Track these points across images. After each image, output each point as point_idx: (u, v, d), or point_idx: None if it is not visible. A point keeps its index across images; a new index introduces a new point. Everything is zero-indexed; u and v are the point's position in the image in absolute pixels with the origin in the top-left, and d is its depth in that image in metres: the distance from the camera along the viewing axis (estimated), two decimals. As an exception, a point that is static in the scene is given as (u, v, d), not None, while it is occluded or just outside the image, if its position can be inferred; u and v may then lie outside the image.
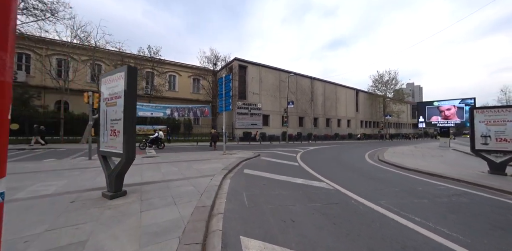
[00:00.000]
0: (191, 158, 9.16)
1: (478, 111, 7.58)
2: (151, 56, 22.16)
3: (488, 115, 7.37)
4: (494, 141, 7.22)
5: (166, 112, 16.35)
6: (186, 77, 30.05)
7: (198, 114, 15.06)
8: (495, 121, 7.24)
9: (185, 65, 29.78)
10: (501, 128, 7.14)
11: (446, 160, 11.23)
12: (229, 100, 10.80)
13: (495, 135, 7.21)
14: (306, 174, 6.54)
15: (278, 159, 10.06)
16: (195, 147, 16.23)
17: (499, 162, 7.13)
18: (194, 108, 15.15)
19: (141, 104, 16.62)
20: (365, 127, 46.40)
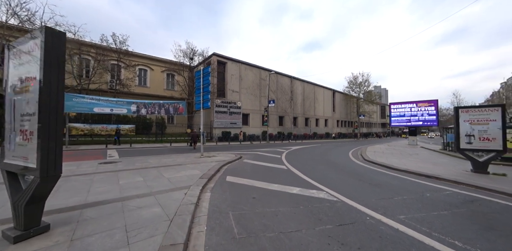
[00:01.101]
0: (162, 163, 7.72)
1: (463, 110, 7.61)
2: (117, 46, 19.45)
3: (472, 115, 7.43)
4: (477, 140, 7.28)
5: (131, 109, 13.84)
6: (159, 72, 27.43)
7: (171, 111, 12.97)
8: (479, 120, 7.31)
9: (158, 59, 27.14)
10: (484, 127, 7.22)
11: (423, 158, 11.54)
12: (207, 96, 9.53)
13: (479, 134, 7.28)
14: (299, 180, 5.72)
15: (263, 161, 9.15)
16: (169, 149, 14.48)
17: (482, 161, 7.21)
18: (166, 104, 12.95)
19: (97, 98, 13.87)
20: (341, 126, 48.38)
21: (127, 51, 20.01)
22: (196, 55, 23.70)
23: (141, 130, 20.04)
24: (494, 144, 7.04)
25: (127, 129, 17.66)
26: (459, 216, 3.34)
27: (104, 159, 9.00)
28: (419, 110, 25.27)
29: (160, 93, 26.56)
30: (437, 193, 4.64)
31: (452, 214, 3.43)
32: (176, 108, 11.66)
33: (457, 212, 3.50)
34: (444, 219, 3.19)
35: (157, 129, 19.76)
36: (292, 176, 6.27)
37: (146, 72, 26.67)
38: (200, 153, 10.23)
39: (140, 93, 23.90)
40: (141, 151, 12.90)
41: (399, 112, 26.69)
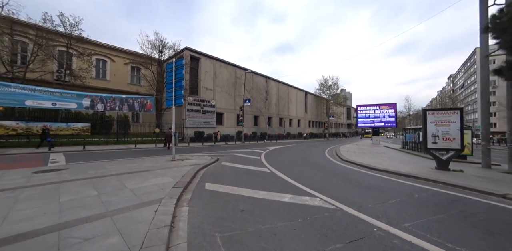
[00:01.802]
0: (124, 169, 6.45)
1: (429, 113, 8.21)
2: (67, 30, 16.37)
3: (437, 117, 8.05)
4: (441, 140, 7.93)
5: (83, 103, 11.12)
6: (122, 64, 24.31)
7: (137, 108, 10.91)
8: (442, 122, 7.96)
9: (120, 49, 24.03)
10: (446, 128, 7.89)
11: (391, 157, 12.39)
12: (180, 92, 8.47)
13: (442, 134, 7.94)
14: (286, 185, 5.27)
15: (243, 163, 8.52)
16: (133, 151, 12.70)
17: (445, 159, 7.89)
18: (130, 99, 10.73)
19: (31, 88, 10.49)
20: (312, 126, 50.57)
21: (79, 37, 16.98)
22: (167, 48, 21.67)
23: (99, 129, 17.32)
24: (454, 144, 7.74)
25: (79, 128, 14.95)
26: (456, 219, 3.27)
27: (44, 165, 7.20)
28: (381, 112, 27.77)
29: (123, 88, 23.53)
30: (423, 194, 4.68)
31: (449, 217, 3.35)
32: (142, 104, 9.92)
33: (452, 215, 3.45)
34: (445, 225, 3.05)
35: (118, 128, 17.33)
36: (278, 180, 5.79)
37: (106, 64, 23.36)
38: (171, 156, 9.07)
39: (97, 87, 20.74)
40: (97, 154, 10.96)
41: (364, 114, 28.92)
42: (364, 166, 8.36)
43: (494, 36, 7.21)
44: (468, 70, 54.88)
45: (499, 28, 6.63)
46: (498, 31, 6.67)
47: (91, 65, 18.60)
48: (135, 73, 24.80)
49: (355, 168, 8.21)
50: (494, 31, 6.85)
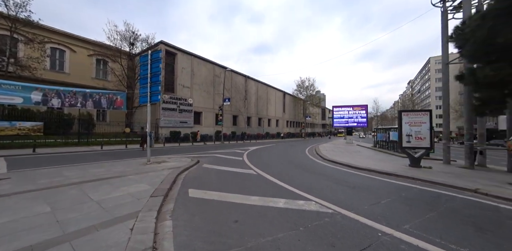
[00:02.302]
0: (88, 176, 5.50)
1: (404, 114, 8.77)
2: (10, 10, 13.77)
3: (410, 117, 8.64)
4: (414, 139, 8.53)
5: (33, 98, 8.94)
6: (85, 55, 21.51)
7: (104, 104, 9.14)
8: (415, 122, 8.57)
9: (83, 39, 21.23)
10: (418, 128, 8.50)
11: (367, 155, 13.09)
12: (157, 88, 7.64)
13: (415, 134, 8.55)
14: (277, 188, 5.01)
15: (226, 165, 8.06)
16: (100, 154, 11.22)
17: (417, 157, 8.51)
18: (95, 95, 8.93)
19: None
20: (290, 126, 51.77)
21: (27, 20, 14.39)
22: (139, 40, 19.88)
23: (55, 129, 14.96)
24: (425, 142, 8.39)
25: (27, 128, 12.66)
26: (446, 217, 3.36)
27: (-21, 174, 5.79)
28: (354, 113, 29.59)
29: (86, 83, 20.79)
30: (409, 192, 4.84)
31: (439, 215, 3.44)
32: (111, 100, 8.49)
33: (441, 213, 3.55)
34: (440, 224, 3.09)
35: (81, 128, 15.22)
36: (267, 182, 5.51)
37: (64, 54, 20.41)
38: (145, 158, 8.16)
39: (53, 81, 17.97)
40: (53, 158, 9.37)
41: (339, 115, 30.51)
42: (347, 165, 8.58)
43: (456, 46, 7.99)
44: (424, 77, 62.03)
45: (461, 38, 7.33)
46: (461, 41, 7.38)
47: (44, 55, 15.98)
48: (101, 67, 22.14)
49: (339, 167, 8.37)
50: (457, 41, 7.57)
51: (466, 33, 7.01)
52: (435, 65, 54.54)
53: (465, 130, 9.46)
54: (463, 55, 7.65)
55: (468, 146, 9.22)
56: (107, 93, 8.37)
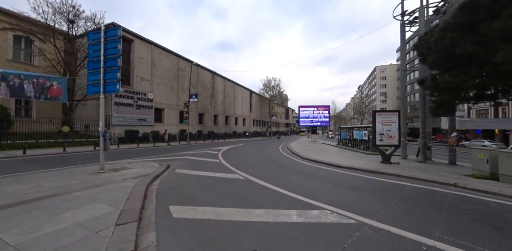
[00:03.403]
0: (2, 198, 3.71)
1: (378, 113, 9.31)
2: None
3: (383, 117, 9.24)
4: (386, 137, 9.16)
5: None
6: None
7: (30, 93, 5.75)
8: (387, 122, 9.19)
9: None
10: (389, 127, 9.15)
11: (338, 153, 13.73)
12: (114, 75, 5.96)
13: (386, 133, 9.18)
14: (275, 195, 4.36)
15: (204, 170, 6.99)
16: (22, 161, 8.40)
17: (388, 154, 9.17)
18: (15, 78, 5.88)
19: None
20: (256, 125, 51.98)
21: None
22: (81, 18, 16.11)
23: None
24: (395, 140, 9.09)
25: None
26: (459, 217, 3.33)
27: None
28: (318, 113, 31.45)
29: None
30: (405, 190, 4.87)
31: (451, 215, 3.38)
32: (42, 87, 5.86)
33: (451, 212, 3.52)
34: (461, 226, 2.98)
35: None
36: (260, 188, 4.80)
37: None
38: (97, 165, 6.36)
39: None
40: None
41: (305, 114, 31.96)
42: (328, 164, 8.59)
43: (420, 53, 8.90)
44: (371, 83, 71.50)
45: (426, 47, 8.16)
46: (425, 49, 8.20)
47: None
48: (22, 47, 17.04)
49: (322, 166, 8.29)
50: (422, 49, 8.40)
51: (430, 42, 7.81)
52: (379, 73, 63.35)
53: (420, 128, 10.76)
54: (426, 62, 8.54)
55: (422, 142, 10.49)
56: (35, 76, 5.73)
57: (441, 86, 7.78)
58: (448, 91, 7.87)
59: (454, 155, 9.81)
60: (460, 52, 6.78)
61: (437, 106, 8.72)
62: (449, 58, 7.36)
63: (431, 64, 8.18)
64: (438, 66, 7.97)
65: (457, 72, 7.27)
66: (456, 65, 7.35)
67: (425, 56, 8.41)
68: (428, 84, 8.64)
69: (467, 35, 6.72)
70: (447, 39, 7.00)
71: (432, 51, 7.78)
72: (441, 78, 7.67)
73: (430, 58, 7.91)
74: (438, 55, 7.50)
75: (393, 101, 58.50)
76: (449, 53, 7.18)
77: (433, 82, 8.12)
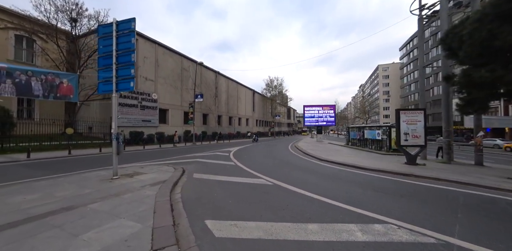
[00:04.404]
0: (7, 214, 3.20)
1: (402, 112, 8.79)
2: None
3: (408, 116, 8.71)
4: (411, 137, 8.65)
5: None
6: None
7: (38, 91, 5.12)
8: (412, 121, 8.69)
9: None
10: (414, 126, 8.64)
11: (352, 153, 13.20)
12: (128, 71, 5.46)
13: (412, 132, 8.67)
14: (318, 204, 3.85)
15: (223, 174, 6.48)
16: (25, 165, 7.88)
17: (414, 155, 8.65)
18: (20, 73, 5.01)
19: None
20: (259, 125, 51.45)
21: None
22: (85, 17, 15.60)
23: None
24: (420, 140, 8.58)
25: None
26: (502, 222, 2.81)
27: None
28: (324, 112, 30.95)
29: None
30: (463, 198, 4.35)
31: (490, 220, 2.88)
32: (51, 85, 5.28)
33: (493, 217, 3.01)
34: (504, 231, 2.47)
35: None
36: (298, 196, 4.29)
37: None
38: (108, 170, 5.85)
39: None
40: None
41: (310, 114, 31.45)
42: (351, 165, 8.07)
43: (447, 48, 8.38)
44: (373, 82, 71.00)
45: (457, 40, 7.64)
46: (456, 43, 7.68)
47: None
48: (24, 46, 16.52)
49: (345, 168, 7.77)
50: (452, 43, 7.88)
51: (462, 35, 7.29)
52: (382, 72, 62.84)
53: (443, 127, 10.24)
54: (455, 57, 8.02)
55: (446, 142, 9.98)
56: (44, 73, 5.13)
57: (475, 82, 7.27)
58: (481, 88, 7.36)
59: (481, 155, 9.30)
60: (499, 45, 6.28)
61: (467, 104, 8.19)
62: (485, 52, 6.85)
63: (463, 59, 7.64)
64: (471, 61, 7.44)
65: (494, 66, 6.76)
66: (493, 59, 6.84)
67: (455, 51, 7.90)
68: (457, 81, 8.13)
69: (507, 26, 6.22)
70: (484, 31, 6.48)
71: (464, 44, 7.25)
72: (476, 73, 7.14)
73: (461, 52, 7.39)
74: (472, 49, 6.97)
75: (397, 100, 58.01)
76: (486, 46, 6.67)
77: (464, 78, 7.60)
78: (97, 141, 15.50)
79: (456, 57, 7.94)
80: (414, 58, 46.94)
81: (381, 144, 14.82)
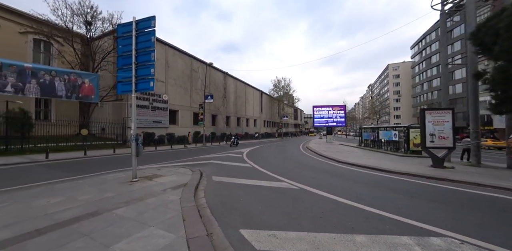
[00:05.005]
0: (32, 221, 3.06)
1: (427, 112, 8.29)
2: None
3: (433, 116, 8.21)
4: (437, 139, 8.14)
5: None
6: (16, 33, 16.16)
7: (61, 91, 5.45)
8: (438, 121, 8.17)
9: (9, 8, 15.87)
10: (441, 127, 8.11)
11: (368, 155, 12.69)
12: (148, 71, 5.34)
13: (438, 133, 8.16)
14: (355, 211, 3.53)
15: (243, 176, 6.23)
16: (45, 166, 7.92)
17: (441, 157, 8.14)
18: (44, 73, 5.11)
19: None
20: (267, 126, 51.12)
21: None
22: (99, 20, 15.82)
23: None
24: (448, 142, 8.05)
25: None
26: None
27: None
28: (333, 113, 30.29)
29: (18, 70, 15.61)
30: (492, 201, 3.94)
31: None
32: (76, 85, 5.21)
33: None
34: None
35: (10, 130, 10.93)
36: (330, 202, 3.98)
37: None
38: (124, 171, 5.73)
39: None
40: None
41: (320, 115, 30.86)
42: (373, 168, 7.66)
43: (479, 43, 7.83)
44: (383, 81, 69.35)
45: (492, 34, 7.11)
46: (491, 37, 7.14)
47: None
48: (41, 50, 16.97)
49: (367, 171, 7.38)
50: (486, 37, 7.34)
51: (499, 28, 6.77)
52: (392, 71, 61.29)
53: (471, 128, 9.64)
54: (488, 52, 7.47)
55: (475, 144, 9.38)
56: (67, 72, 5.07)
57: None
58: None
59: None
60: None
61: (501, 102, 7.65)
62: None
63: (498, 54, 7.08)
64: (509, 56, 6.90)
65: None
66: (533, 54, 6.32)
67: (488, 46, 7.36)
68: (490, 78, 7.60)
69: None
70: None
71: (501, 38, 6.74)
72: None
73: (497, 46, 6.86)
74: (510, 43, 6.47)
75: (407, 100, 56.37)
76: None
77: (499, 74, 7.08)
78: (110, 142, 15.64)
79: (489, 52, 7.42)
80: (427, 57, 45.47)
81: (397, 145, 14.22)
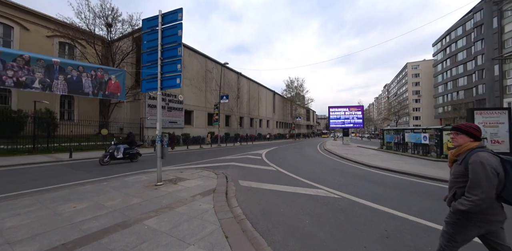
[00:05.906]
0: (59, 232, 2.73)
1: (477, 112, 7.35)
2: None
3: (485, 117, 7.26)
4: (489, 143, 7.19)
5: None
6: (43, 36, 16.88)
7: (88, 88, 4.75)
8: (491, 123, 7.22)
9: (40, 14, 16.67)
10: (495, 129, 7.17)
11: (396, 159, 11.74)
12: (175, 67, 4.99)
13: (490, 137, 7.21)
14: (425, 229, 2.88)
15: (272, 181, 5.72)
16: (68, 166, 7.89)
17: (493, 163, 7.18)
18: (72, 69, 4.55)
19: None
20: (279, 127, 50.37)
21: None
22: (118, 21, 16.07)
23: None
24: (504, 146, 7.06)
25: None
26: None
27: None
28: (350, 114, 29.07)
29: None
30: None
31: None
32: (102, 82, 4.97)
33: None
34: None
35: (36, 130, 11.24)
36: (390, 218, 3.35)
37: (11, 31, 15.66)
38: (148, 173, 5.41)
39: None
40: None
41: (335, 115, 29.74)
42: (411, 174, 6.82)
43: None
44: (400, 81, 66.22)
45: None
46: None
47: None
48: (66, 52, 17.60)
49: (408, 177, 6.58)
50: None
51: None
52: (411, 70, 58.36)
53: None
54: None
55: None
56: (94, 68, 4.81)
57: None
58: None
59: None
60: None
61: None
62: None
63: None
64: None
65: None
66: None
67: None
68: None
69: None
70: None
71: None
72: None
73: None
74: None
75: (429, 100, 53.30)
76: None
77: None
78: (128, 142, 15.75)
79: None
80: (452, 54, 42.71)
81: (427, 149, 13.08)
